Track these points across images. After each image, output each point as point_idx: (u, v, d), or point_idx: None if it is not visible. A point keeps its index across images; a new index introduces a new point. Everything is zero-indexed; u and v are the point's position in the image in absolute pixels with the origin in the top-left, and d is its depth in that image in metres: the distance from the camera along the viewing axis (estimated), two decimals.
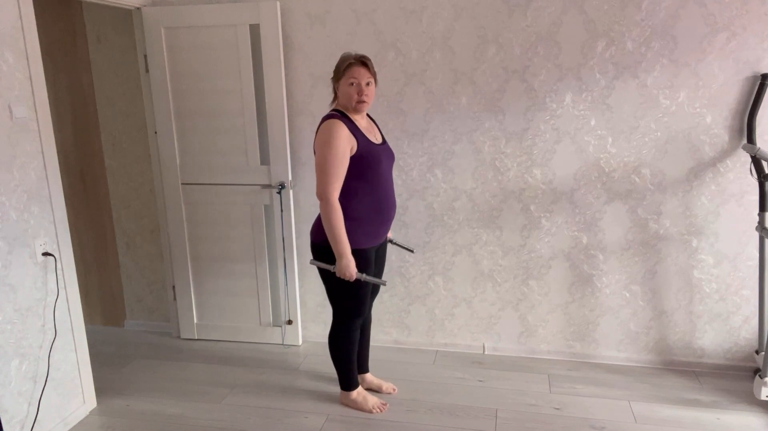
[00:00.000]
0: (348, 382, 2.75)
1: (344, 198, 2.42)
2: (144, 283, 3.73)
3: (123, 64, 3.40)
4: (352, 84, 2.36)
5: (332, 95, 2.50)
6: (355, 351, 2.71)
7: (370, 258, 2.53)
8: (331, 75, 2.47)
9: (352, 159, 2.37)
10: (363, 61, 2.38)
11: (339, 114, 2.39)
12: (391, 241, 2.83)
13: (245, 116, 3.16)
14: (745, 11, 2.64)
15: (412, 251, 2.83)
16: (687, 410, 2.71)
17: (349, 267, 2.37)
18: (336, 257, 2.38)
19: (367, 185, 2.42)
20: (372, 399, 2.76)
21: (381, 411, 2.73)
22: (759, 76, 2.70)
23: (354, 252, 2.44)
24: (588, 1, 2.77)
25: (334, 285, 2.54)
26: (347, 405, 2.79)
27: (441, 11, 2.92)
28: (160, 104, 3.23)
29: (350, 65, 2.36)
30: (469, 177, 3.09)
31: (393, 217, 2.59)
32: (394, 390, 2.90)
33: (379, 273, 2.76)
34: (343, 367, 2.72)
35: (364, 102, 2.38)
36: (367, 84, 2.38)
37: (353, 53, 2.41)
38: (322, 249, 2.49)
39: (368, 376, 2.92)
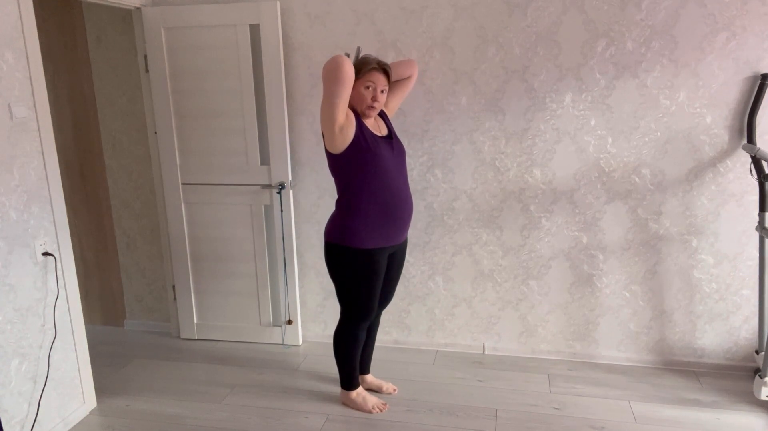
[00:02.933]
0: (349, 382, 2.75)
1: (347, 195, 2.43)
2: (144, 283, 3.73)
3: (123, 64, 3.40)
4: (368, 87, 2.38)
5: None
6: (359, 352, 2.71)
7: (379, 262, 2.49)
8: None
9: (350, 147, 2.35)
10: (385, 70, 2.41)
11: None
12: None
13: (245, 116, 3.16)
14: (745, 11, 2.64)
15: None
16: (687, 410, 2.71)
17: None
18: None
19: (370, 178, 2.37)
20: (372, 400, 2.76)
21: (381, 411, 2.73)
22: (759, 76, 2.70)
23: (360, 253, 2.43)
24: (588, 1, 2.77)
25: (343, 285, 2.54)
26: (347, 405, 2.79)
27: (441, 11, 2.92)
28: (160, 104, 3.23)
29: (372, 70, 2.38)
30: (469, 177, 3.10)
31: (407, 217, 2.52)
32: (394, 390, 2.90)
33: (393, 281, 2.70)
34: (346, 367, 2.72)
35: (374, 107, 2.40)
36: (382, 91, 2.41)
37: (374, 57, 2.43)
38: (334, 249, 2.49)
39: (368, 377, 2.92)
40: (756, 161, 2.70)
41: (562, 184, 3.00)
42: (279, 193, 3.23)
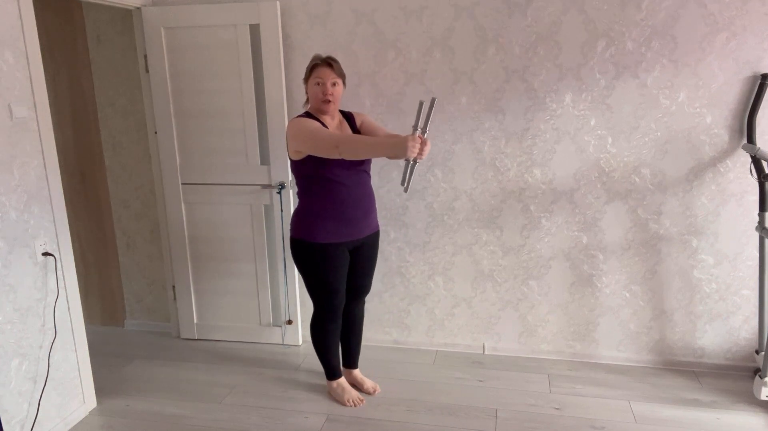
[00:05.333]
0: (327, 371, 2.85)
1: (304, 195, 2.56)
2: (144, 283, 3.73)
3: (123, 64, 3.40)
4: (317, 84, 2.46)
5: (305, 97, 2.60)
6: (333, 342, 2.79)
7: (334, 255, 2.57)
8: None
9: (307, 159, 2.45)
10: (329, 62, 2.48)
11: (307, 114, 2.52)
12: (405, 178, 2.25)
13: (245, 116, 3.16)
14: (745, 11, 2.64)
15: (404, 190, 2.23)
16: (687, 410, 2.71)
17: (401, 144, 2.10)
18: (396, 151, 2.12)
19: (322, 183, 2.48)
20: (350, 393, 2.81)
21: (355, 406, 2.78)
22: (759, 76, 2.70)
23: (317, 247, 2.54)
24: (588, 1, 2.77)
25: (306, 278, 2.66)
26: (330, 394, 2.87)
27: (441, 11, 2.92)
28: (160, 104, 3.23)
29: (316, 66, 2.47)
30: (469, 177, 3.10)
31: (362, 216, 2.58)
32: (375, 391, 2.90)
33: (364, 273, 2.76)
34: (321, 357, 2.83)
35: (329, 102, 2.47)
36: (334, 84, 2.47)
37: (322, 55, 2.51)
38: (295, 244, 2.60)
39: (354, 372, 2.96)
40: (756, 161, 2.70)
41: (562, 184, 3.00)
42: (279, 193, 3.23)
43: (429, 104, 2.09)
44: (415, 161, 2.14)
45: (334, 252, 2.57)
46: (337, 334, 2.79)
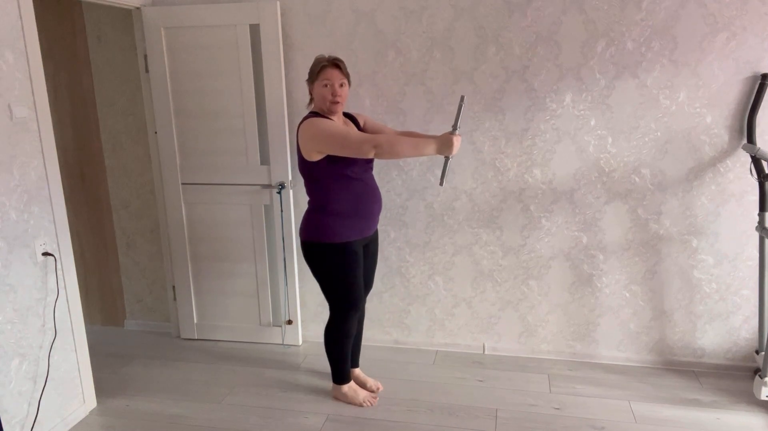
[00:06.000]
0: (341, 376, 2.81)
1: (320, 195, 2.54)
2: (144, 283, 3.73)
3: (123, 64, 3.40)
4: (325, 86, 2.45)
5: (309, 97, 2.59)
6: (350, 345, 2.77)
7: (356, 251, 2.58)
8: (306, 77, 2.56)
9: (326, 159, 2.45)
10: (336, 63, 2.47)
11: (316, 114, 2.50)
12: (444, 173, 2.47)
13: (245, 116, 3.16)
14: (745, 11, 2.64)
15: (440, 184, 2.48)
16: (687, 410, 2.71)
17: (448, 141, 2.34)
18: (442, 149, 2.36)
19: (340, 182, 2.49)
20: (363, 393, 2.82)
21: (371, 405, 2.78)
22: (759, 76, 2.70)
23: (337, 247, 2.53)
24: (588, 1, 2.77)
25: (327, 280, 2.61)
26: (338, 399, 2.84)
27: (441, 11, 2.92)
28: (160, 104, 3.23)
29: (323, 68, 2.46)
30: (469, 177, 3.10)
31: (377, 211, 2.64)
32: (378, 389, 2.92)
33: (370, 270, 2.80)
34: (338, 361, 2.78)
35: (337, 102, 2.47)
36: (341, 85, 2.47)
37: (326, 56, 2.50)
38: (310, 247, 2.57)
39: (356, 371, 2.96)
40: (756, 161, 2.70)
41: (562, 184, 3.00)
42: (279, 192, 3.23)
43: (460, 103, 2.34)
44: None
45: (354, 249, 2.58)
46: (353, 336, 2.78)
